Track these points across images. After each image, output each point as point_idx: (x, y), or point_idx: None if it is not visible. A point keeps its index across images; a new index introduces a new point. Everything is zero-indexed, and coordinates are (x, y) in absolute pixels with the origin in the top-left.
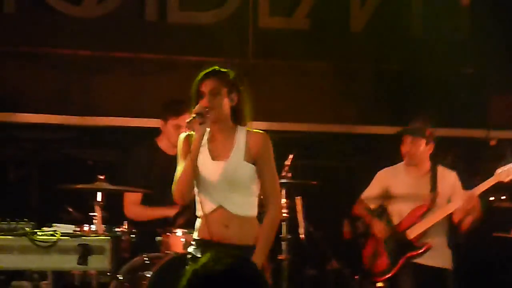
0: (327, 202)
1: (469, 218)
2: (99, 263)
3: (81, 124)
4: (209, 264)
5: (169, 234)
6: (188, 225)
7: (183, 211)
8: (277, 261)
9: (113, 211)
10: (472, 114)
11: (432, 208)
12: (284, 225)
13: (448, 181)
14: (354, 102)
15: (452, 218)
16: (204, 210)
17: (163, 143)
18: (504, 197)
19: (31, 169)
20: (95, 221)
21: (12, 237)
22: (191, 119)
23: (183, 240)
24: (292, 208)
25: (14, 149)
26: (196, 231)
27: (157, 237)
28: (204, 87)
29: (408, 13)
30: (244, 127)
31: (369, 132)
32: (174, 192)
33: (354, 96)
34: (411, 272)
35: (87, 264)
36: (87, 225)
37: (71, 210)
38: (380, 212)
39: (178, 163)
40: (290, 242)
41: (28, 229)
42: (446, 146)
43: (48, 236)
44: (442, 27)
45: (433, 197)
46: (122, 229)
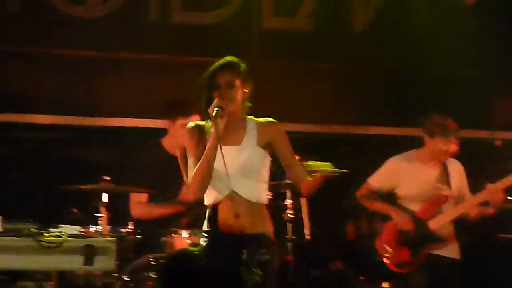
0: (331, 203)
1: (491, 210)
2: (105, 264)
3: (84, 125)
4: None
5: (174, 235)
6: (193, 226)
7: (188, 211)
8: (282, 262)
9: (118, 212)
10: (477, 115)
11: (449, 200)
12: (289, 226)
13: (458, 172)
14: (358, 103)
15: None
16: (216, 197)
17: (168, 143)
18: (510, 198)
19: (35, 170)
20: (100, 222)
21: (18, 238)
22: (217, 112)
23: (188, 241)
24: (297, 209)
25: (18, 150)
26: (206, 221)
27: (162, 238)
28: (221, 79)
29: (412, 14)
30: (252, 118)
31: (372, 133)
32: (192, 186)
33: (358, 97)
34: (427, 263)
35: (93, 265)
36: (92, 226)
37: (75, 211)
38: (396, 202)
39: (190, 154)
40: (295, 243)
41: (34, 230)
42: None
43: (54, 237)
44: (446, 28)
45: (449, 189)
46: (127, 230)
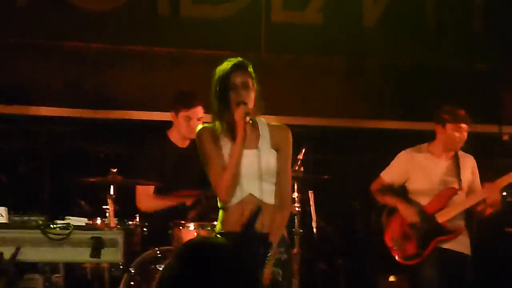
0: (339, 197)
1: (489, 209)
2: (112, 256)
3: (93, 117)
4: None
5: (181, 228)
6: (200, 218)
7: (196, 205)
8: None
9: (125, 204)
10: (485, 110)
11: (458, 193)
12: (296, 219)
13: (469, 166)
14: (367, 97)
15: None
16: (233, 201)
17: (174, 136)
18: None
19: (43, 162)
20: (108, 214)
21: (25, 230)
22: (245, 109)
23: (195, 234)
24: (304, 202)
25: (26, 142)
26: (220, 224)
27: (169, 231)
28: (236, 80)
29: (421, 8)
30: (262, 119)
31: (382, 127)
32: (220, 190)
33: (367, 91)
34: (436, 256)
35: (100, 257)
36: (100, 218)
37: (83, 203)
38: (406, 196)
39: (211, 158)
40: (302, 236)
41: (41, 222)
42: None
43: (61, 229)
44: (456, 22)
45: (459, 182)
46: (134, 222)
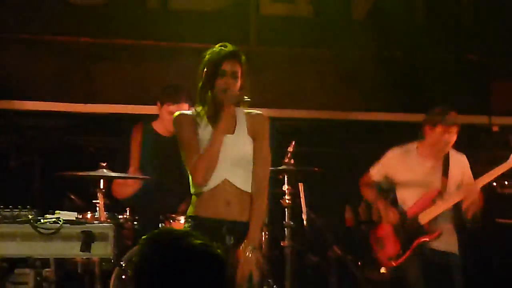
0: (330, 189)
1: (470, 210)
2: (102, 250)
3: (83, 111)
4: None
5: (172, 221)
6: None
7: (185, 198)
8: (280, 248)
9: (116, 198)
10: (474, 101)
11: (443, 193)
12: (287, 212)
13: (459, 165)
14: (357, 89)
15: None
16: (209, 185)
17: (159, 127)
18: (507, 183)
19: (33, 157)
20: (98, 208)
21: (15, 225)
22: (235, 98)
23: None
24: (295, 195)
25: (16, 137)
26: (193, 207)
27: (160, 224)
28: (227, 67)
29: (411, 0)
30: (241, 108)
31: (372, 119)
32: (197, 174)
33: (357, 83)
34: (420, 256)
35: (90, 251)
36: (90, 212)
37: (74, 197)
38: (392, 199)
39: (189, 141)
40: (293, 229)
41: (31, 216)
42: None
43: (51, 224)
44: (445, 13)
45: (444, 182)
46: (125, 216)
